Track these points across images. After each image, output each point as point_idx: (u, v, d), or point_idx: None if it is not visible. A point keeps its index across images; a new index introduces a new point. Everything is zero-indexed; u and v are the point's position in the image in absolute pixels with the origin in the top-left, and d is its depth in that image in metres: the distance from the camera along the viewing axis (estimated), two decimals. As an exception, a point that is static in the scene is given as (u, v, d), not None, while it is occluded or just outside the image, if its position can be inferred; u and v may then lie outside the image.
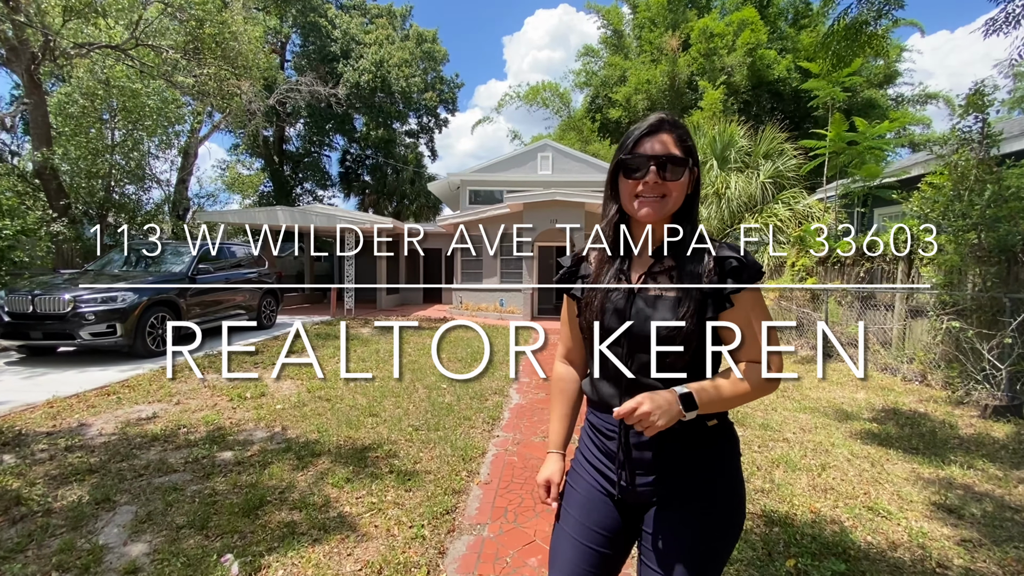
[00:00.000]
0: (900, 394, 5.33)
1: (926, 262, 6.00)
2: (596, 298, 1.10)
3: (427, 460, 3.33)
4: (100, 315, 6.14)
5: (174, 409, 4.40)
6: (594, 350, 1.10)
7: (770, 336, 1.06)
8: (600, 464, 1.13)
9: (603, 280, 1.12)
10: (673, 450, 1.05)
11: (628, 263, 1.12)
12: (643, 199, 1.04)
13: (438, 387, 5.29)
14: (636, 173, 1.04)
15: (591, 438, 1.17)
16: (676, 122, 1.08)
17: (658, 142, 1.04)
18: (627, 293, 1.07)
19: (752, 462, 3.41)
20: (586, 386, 1.20)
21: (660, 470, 1.06)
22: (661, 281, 1.06)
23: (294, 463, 3.26)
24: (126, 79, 10.93)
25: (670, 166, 1.03)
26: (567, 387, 1.25)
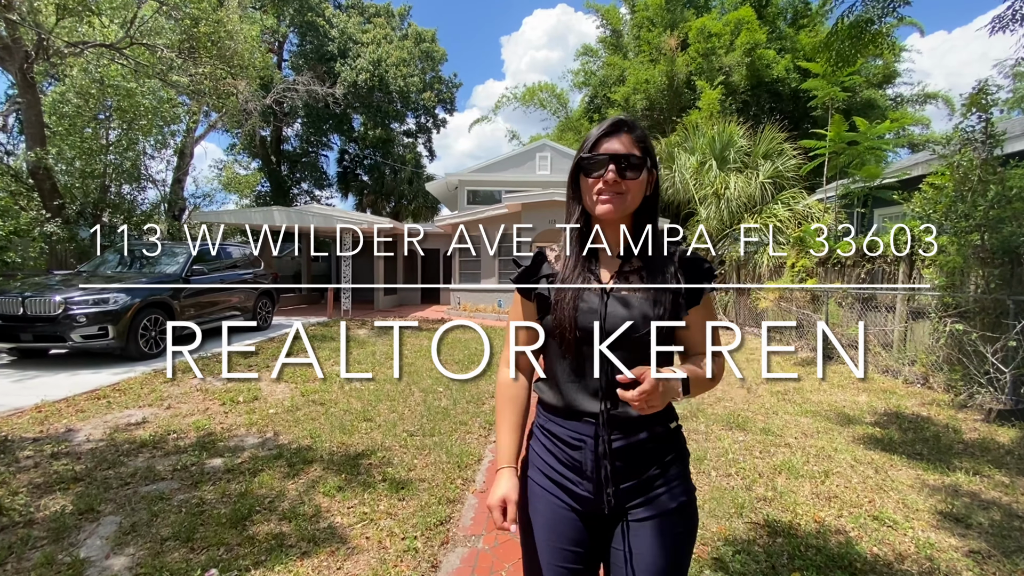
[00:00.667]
0: (902, 397, 5.27)
1: (927, 263, 5.94)
2: (568, 297, 1.07)
3: (421, 467, 3.26)
4: (92, 317, 6.05)
5: (165, 414, 4.32)
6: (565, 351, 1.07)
7: (716, 334, 1.11)
8: (562, 478, 1.09)
9: (572, 280, 1.09)
10: (644, 457, 1.05)
11: (596, 263, 1.12)
12: (602, 197, 1.05)
13: (434, 390, 5.22)
14: (596, 172, 1.06)
15: (549, 449, 1.11)
16: (635, 124, 1.10)
17: (617, 142, 1.06)
18: (600, 293, 1.07)
19: (754, 468, 3.34)
20: (544, 391, 1.14)
21: (632, 479, 1.05)
22: (632, 281, 1.08)
23: (285, 470, 3.18)
24: (120, 78, 10.83)
25: (629, 165, 1.05)
26: (518, 394, 1.17)
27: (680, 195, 12.06)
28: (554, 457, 1.10)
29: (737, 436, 4.01)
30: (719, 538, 2.49)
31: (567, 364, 1.08)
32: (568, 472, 1.08)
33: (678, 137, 12.73)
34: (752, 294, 9.77)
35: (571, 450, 1.07)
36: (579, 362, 1.07)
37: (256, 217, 12.42)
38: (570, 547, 1.06)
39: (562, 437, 1.09)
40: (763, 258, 9.61)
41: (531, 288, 1.14)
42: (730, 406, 4.91)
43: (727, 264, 11.26)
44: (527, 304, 1.17)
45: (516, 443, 1.14)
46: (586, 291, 1.08)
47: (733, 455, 3.57)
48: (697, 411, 4.66)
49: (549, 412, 1.14)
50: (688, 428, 4.18)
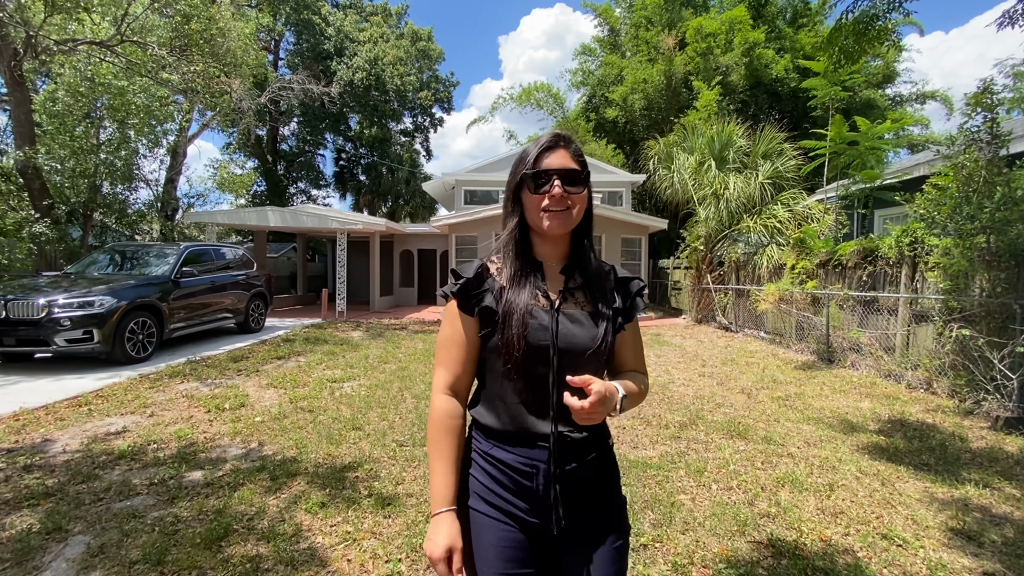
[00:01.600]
0: (906, 403, 5.15)
1: (931, 266, 5.82)
2: (517, 313, 1.02)
3: (410, 481, 3.12)
4: (76, 320, 5.90)
5: (146, 422, 4.17)
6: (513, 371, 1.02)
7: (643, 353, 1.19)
8: (510, 506, 1.03)
9: (521, 295, 1.04)
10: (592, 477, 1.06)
11: (542, 279, 1.09)
12: (550, 212, 1.04)
13: (427, 396, 5.08)
14: (542, 187, 1.05)
15: (494, 477, 1.05)
16: (571, 139, 1.11)
17: (558, 156, 1.07)
18: (550, 310, 1.04)
19: (756, 481, 3.21)
20: (488, 417, 1.07)
21: (582, 500, 1.05)
22: (577, 296, 1.08)
23: (267, 484, 3.04)
24: (112, 76, 10.66)
25: (573, 180, 1.05)
26: (455, 424, 1.07)
27: (679, 195, 11.94)
28: (499, 484, 1.04)
29: (738, 445, 3.88)
30: (720, 559, 2.37)
31: (516, 385, 1.03)
32: (516, 499, 1.03)
33: (677, 137, 12.60)
34: (751, 296, 9.66)
35: (521, 477, 1.02)
36: (528, 383, 1.02)
37: (250, 217, 12.26)
38: (520, 570, 1.02)
39: (510, 463, 1.03)
40: (763, 259, 9.49)
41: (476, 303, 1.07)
42: (730, 413, 4.78)
43: (726, 265, 11.14)
44: (467, 320, 1.08)
45: (455, 482, 1.05)
46: (536, 307, 1.04)
47: (734, 466, 3.44)
48: (696, 418, 4.53)
49: (493, 438, 1.07)
50: (687, 437, 4.05)
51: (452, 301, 1.09)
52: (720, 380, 6.12)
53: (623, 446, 3.83)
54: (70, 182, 11.08)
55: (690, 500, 2.95)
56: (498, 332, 1.03)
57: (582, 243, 1.13)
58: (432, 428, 1.07)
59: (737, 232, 10.92)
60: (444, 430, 1.06)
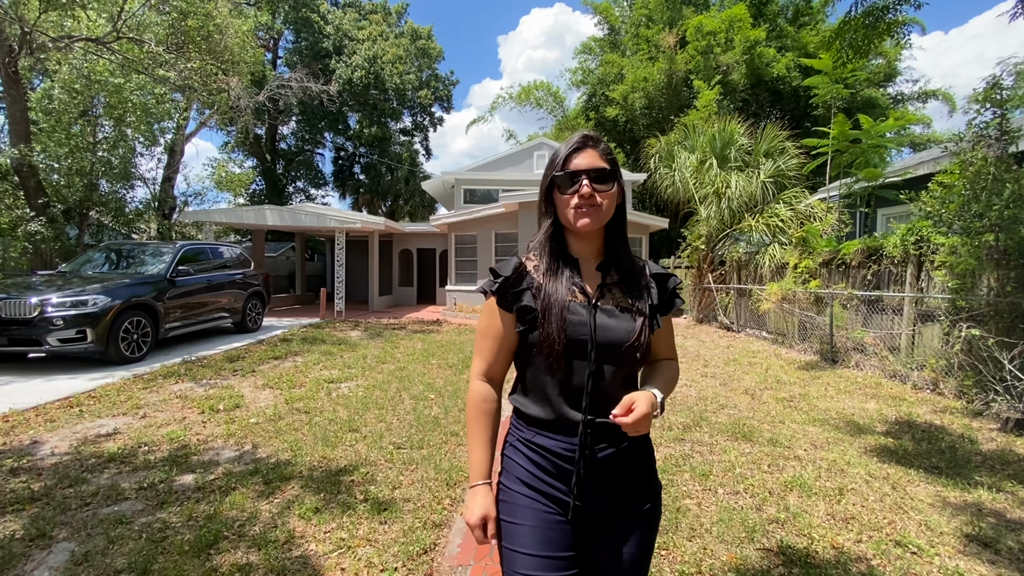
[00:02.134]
0: (912, 404, 5.07)
1: (937, 264, 5.74)
2: (555, 309, 1.07)
3: (407, 485, 3.03)
4: (69, 320, 5.81)
5: (138, 424, 4.08)
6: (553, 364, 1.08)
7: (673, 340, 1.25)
8: (549, 488, 1.10)
9: (559, 291, 1.10)
10: (627, 464, 1.11)
11: (579, 276, 1.13)
12: (581, 211, 1.09)
13: (425, 397, 4.99)
14: (571, 187, 1.09)
15: (535, 462, 1.12)
16: (599, 139, 1.15)
17: (586, 157, 1.11)
18: (588, 306, 1.09)
19: (763, 485, 3.13)
20: (529, 406, 1.14)
21: (617, 487, 1.10)
22: (614, 292, 1.12)
23: (260, 489, 2.95)
24: (108, 73, 10.55)
25: (601, 177, 1.09)
26: (490, 408, 1.17)
27: (680, 194, 11.85)
28: (540, 469, 1.10)
29: (744, 448, 3.79)
30: (729, 567, 2.28)
31: (555, 377, 1.09)
32: (557, 483, 1.09)
33: (678, 135, 12.51)
34: (753, 295, 9.57)
35: (563, 462, 1.08)
36: (567, 375, 1.08)
37: (248, 216, 12.17)
38: (560, 555, 1.06)
39: (552, 449, 1.09)
40: (765, 258, 9.40)
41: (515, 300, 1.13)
42: (734, 414, 4.69)
43: (727, 264, 11.05)
44: (506, 316, 1.15)
45: (490, 458, 1.15)
46: (573, 303, 1.09)
47: (740, 469, 3.36)
48: (700, 419, 4.45)
49: (534, 426, 1.13)
50: (692, 439, 3.97)
51: (492, 297, 1.16)
52: (723, 381, 6.03)
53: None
54: (66, 180, 10.97)
55: (696, 505, 2.86)
56: (537, 328, 1.09)
57: (615, 240, 1.17)
58: (470, 410, 1.18)
59: (739, 231, 10.83)
60: (480, 412, 1.16)
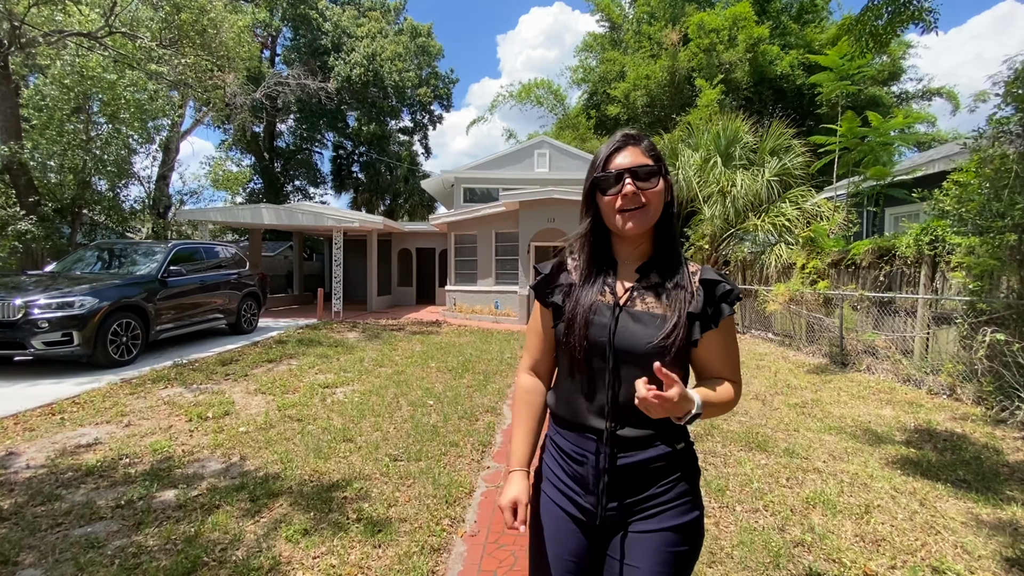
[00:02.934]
0: (930, 410, 4.88)
1: (954, 265, 5.55)
2: (580, 310, 1.06)
3: (404, 502, 2.83)
4: (54, 322, 5.60)
5: (121, 433, 3.88)
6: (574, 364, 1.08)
7: (738, 361, 1.11)
8: (567, 489, 1.10)
9: (588, 291, 1.08)
10: (646, 476, 1.04)
11: (613, 277, 1.10)
12: (626, 213, 1.04)
13: (424, 403, 4.79)
14: (613, 188, 1.05)
15: (557, 460, 1.13)
16: (641, 135, 1.09)
17: (628, 155, 1.06)
18: (613, 307, 1.05)
19: (783, 502, 2.93)
20: (553, 401, 1.16)
21: (634, 496, 1.04)
22: (648, 295, 1.06)
23: (246, 506, 2.75)
24: (101, 69, 10.33)
25: (645, 174, 1.03)
26: (534, 400, 1.19)
27: (683, 193, 11.64)
28: (561, 468, 1.11)
29: (759, 459, 3.60)
30: (755, 599, 2.09)
31: (576, 378, 1.08)
32: (573, 484, 1.09)
33: (681, 133, 12.31)
34: (759, 296, 9.38)
35: (575, 464, 1.08)
36: (587, 377, 1.06)
37: (244, 215, 11.96)
38: (572, 558, 1.08)
39: (566, 450, 1.10)
40: (771, 259, 9.21)
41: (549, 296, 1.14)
42: (746, 421, 4.50)
43: (732, 265, 10.86)
44: (544, 312, 1.17)
45: (529, 447, 1.15)
46: (599, 304, 1.06)
47: (758, 484, 3.16)
48: (711, 428, 4.25)
49: (557, 424, 1.15)
50: (704, 449, 3.77)
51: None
52: (732, 385, 5.84)
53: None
54: (58, 178, 10.76)
55: (714, 525, 2.66)
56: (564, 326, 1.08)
57: (664, 243, 1.10)
58: (515, 401, 1.21)
59: (743, 231, 10.63)
60: (523, 403, 1.19)
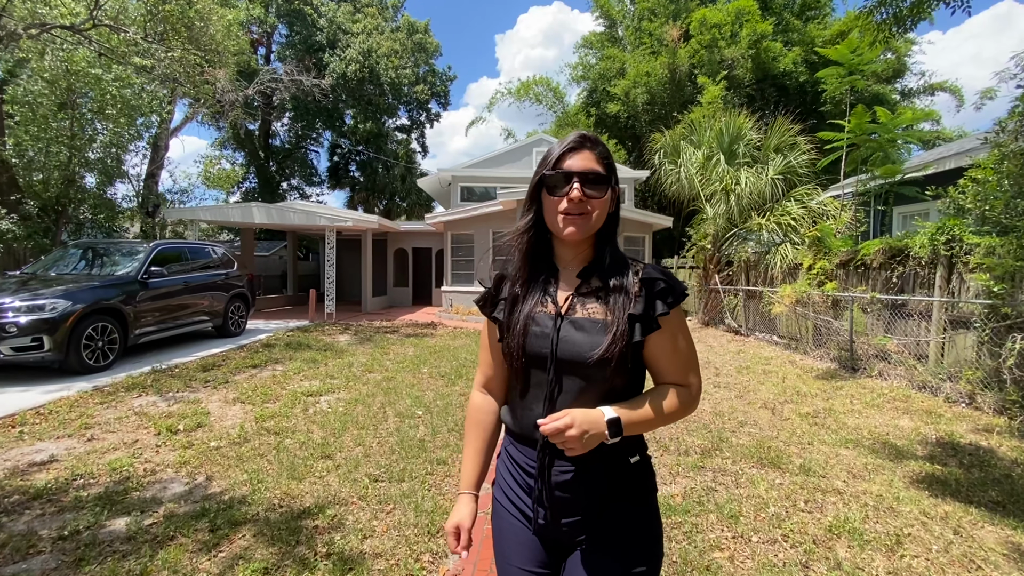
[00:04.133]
0: (950, 421, 4.59)
1: (972, 267, 5.26)
2: (520, 321, 1.03)
3: (381, 533, 2.54)
4: (23, 326, 5.31)
5: (81, 448, 3.58)
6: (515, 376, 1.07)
7: (692, 361, 1.05)
8: (519, 500, 1.08)
9: (528, 301, 1.05)
10: (596, 490, 1.01)
11: (554, 284, 1.07)
12: (568, 217, 1.01)
13: (412, 414, 4.50)
14: (561, 189, 1.01)
15: (510, 472, 1.11)
16: (597, 140, 1.06)
17: (581, 158, 1.02)
18: (554, 316, 1.02)
19: (804, 530, 2.64)
20: (506, 415, 1.14)
21: (582, 511, 1.01)
22: (589, 302, 1.03)
23: (204, 538, 2.45)
24: (86, 64, 10.03)
25: (594, 182, 1.01)
26: (484, 418, 1.17)
27: (685, 191, 11.35)
28: (514, 480, 1.09)
29: (773, 478, 3.31)
30: (781, 656, 1.79)
31: (520, 389, 1.06)
32: (525, 496, 1.06)
33: (684, 130, 12.02)
34: (764, 297, 9.09)
35: (526, 475, 1.06)
36: (530, 388, 1.04)
37: (234, 214, 11.66)
38: (532, 568, 1.05)
39: (519, 461, 1.08)
40: (776, 259, 8.92)
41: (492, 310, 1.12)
42: (755, 433, 4.21)
43: (735, 265, 10.58)
44: (491, 326, 1.15)
45: (479, 468, 1.14)
46: (539, 314, 1.03)
47: (774, 508, 2.87)
48: (720, 441, 3.96)
49: (510, 435, 1.13)
50: (713, 466, 3.48)
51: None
52: (738, 392, 5.55)
53: (638, 479, 3.26)
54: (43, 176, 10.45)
55: (728, 560, 2.37)
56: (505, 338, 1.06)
57: (605, 247, 1.07)
58: (467, 420, 1.18)
59: (747, 230, 10.35)
60: (473, 423, 1.16)
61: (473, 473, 1.12)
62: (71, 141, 10.31)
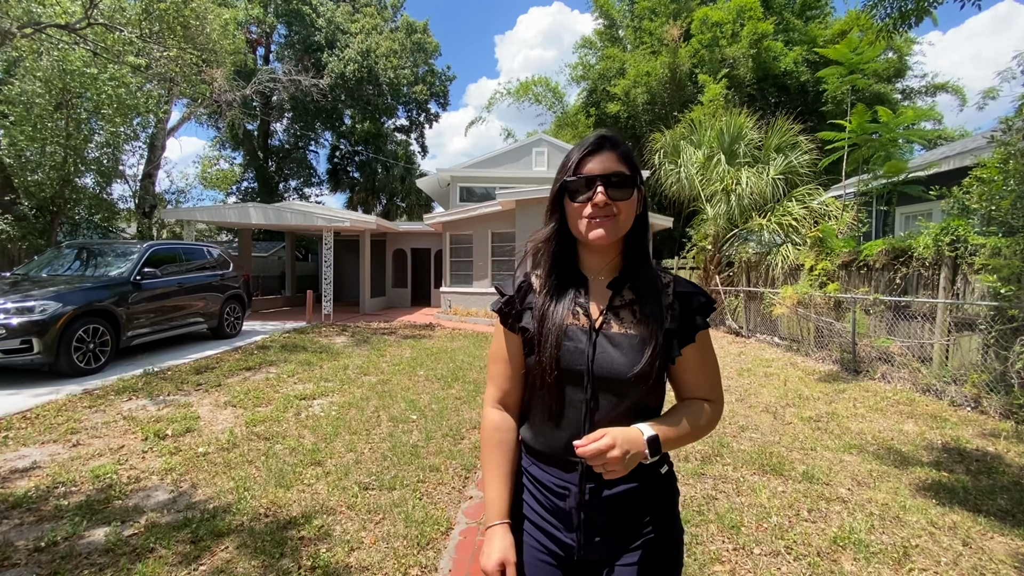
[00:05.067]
0: (955, 425, 4.49)
1: (977, 268, 5.17)
2: (551, 334, 0.97)
3: (369, 545, 2.45)
4: (12, 329, 5.22)
5: (66, 454, 3.50)
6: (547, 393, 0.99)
7: (718, 378, 1.03)
8: (546, 524, 1.01)
9: (558, 312, 0.99)
10: (632, 506, 0.97)
11: (584, 294, 1.01)
12: (594, 221, 0.96)
13: (406, 419, 4.41)
14: (583, 194, 0.96)
15: (533, 495, 1.04)
16: (618, 140, 1.00)
17: (602, 160, 0.97)
18: (588, 330, 0.97)
19: (807, 541, 2.55)
20: (526, 433, 1.06)
21: (620, 528, 0.98)
22: (623, 315, 0.99)
23: (184, 550, 2.37)
24: (81, 63, 9.95)
25: (618, 184, 0.96)
26: (505, 438, 1.06)
27: (685, 191, 11.27)
28: (539, 503, 1.03)
29: (775, 486, 3.22)
30: None
31: (550, 407, 0.99)
32: (552, 519, 1.01)
33: (684, 129, 11.93)
34: (765, 298, 9.00)
35: (556, 498, 1.00)
36: (562, 407, 0.98)
37: (231, 214, 11.58)
38: None
39: (545, 483, 1.01)
40: (777, 259, 8.83)
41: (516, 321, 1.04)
42: (757, 438, 4.12)
43: (736, 266, 10.49)
44: (511, 337, 1.06)
45: (507, 494, 1.04)
46: (572, 327, 0.98)
47: (777, 518, 2.78)
48: (720, 446, 3.87)
49: (532, 455, 1.06)
50: (713, 474, 3.39)
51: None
52: (739, 396, 5.46)
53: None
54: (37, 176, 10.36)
55: (729, 574, 2.28)
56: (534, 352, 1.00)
57: (634, 254, 1.03)
58: (483, 442, 1.08)
59: (748, 230, 10.26)
60: (493, 444, 1.06)
61: (503, 499, 1.02)
62: (67, 141, 10.23)
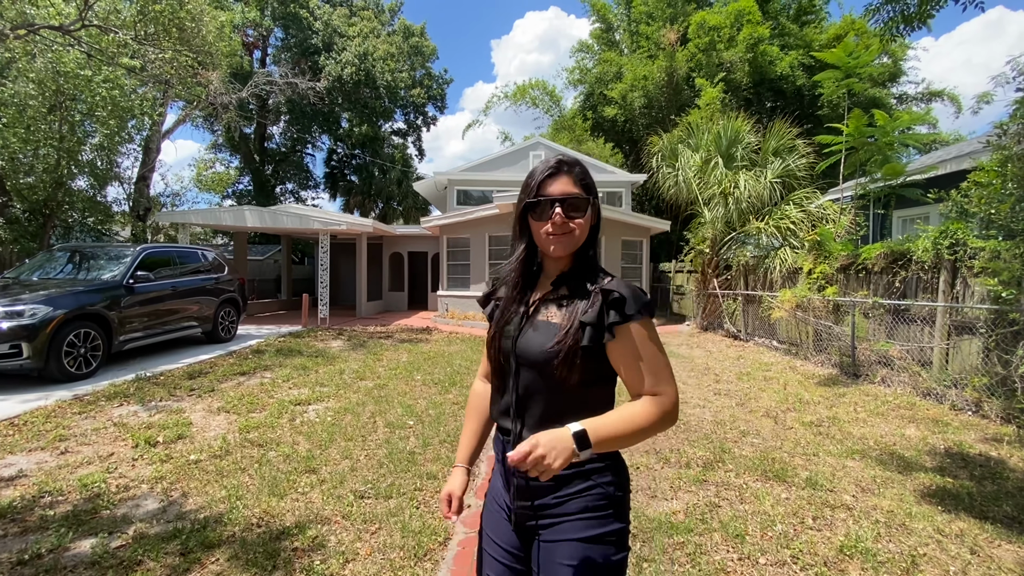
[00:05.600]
0: (957, 429, 4.46)
1: (977, 271, 5.15)
2: (497, 320, 1.17)
3: (364, 556, 2.38)
4: (2, 333, 5.12)
5: (53, 462, 3.41)
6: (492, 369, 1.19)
7: (662, 371, 1.05)
8: (499, 479, 1.18)
9: (511, 305, 1.15)
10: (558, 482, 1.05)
11: (531, 291, 1.17)
12: (553, 237, 1.08)
13: (403, 424, 4.34)
14: (543, 215, 1.08)
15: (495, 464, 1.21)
16: (574, 162, 1.12)
17: (560, 183, 1.09)
18: (521, 317, 1.12)
19: (813, 550, 2.50)
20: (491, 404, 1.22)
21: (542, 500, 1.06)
22: (551, 307, 1.11)
23: (173, 562, 2.29)
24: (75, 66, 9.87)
25: (574, 205, 1.08)
26: (480, 403, 1.29)
27: (683, 195, 11.25)
28: (496, 471, 1.21)
29: (779, 492, 3.17)
30: None
31: (495, 380, 1.17)
32: (499, 481, 1.18)
33: (681, 133, 11.93)
34: (763, 302, 8.98)
35: (501, 463, 1.16)
36: (501, 382, 1.14)
37: (226, 217, 11.49)
38: (505, 546, 1.13)
39: (497, 450, 1.18)
40: (775, 263, 8.81)
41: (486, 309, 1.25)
42: (759, 443, 4.07)
43: (734, 269, 10.47)
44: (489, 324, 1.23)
45: (473, 446, 1.27)
46: (513, 316, 1.13)
47: (781, 526, 2.73)
48: (722, 452, 3.82)
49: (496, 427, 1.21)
50: (715, 480, 3.34)
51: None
52: (739, 400, 5.42)
53: (639, 494, 3.11)
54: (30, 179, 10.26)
55: (735, 585, 2.23)
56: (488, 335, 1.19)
57: (583, 258, 1.14)
58: (467, 405, 1.34)
59: (746, 234, 10.25)
60: (471, 407, 1.32)
61: (468, 449, 1.26)
62: (60, 143, 10.14)
